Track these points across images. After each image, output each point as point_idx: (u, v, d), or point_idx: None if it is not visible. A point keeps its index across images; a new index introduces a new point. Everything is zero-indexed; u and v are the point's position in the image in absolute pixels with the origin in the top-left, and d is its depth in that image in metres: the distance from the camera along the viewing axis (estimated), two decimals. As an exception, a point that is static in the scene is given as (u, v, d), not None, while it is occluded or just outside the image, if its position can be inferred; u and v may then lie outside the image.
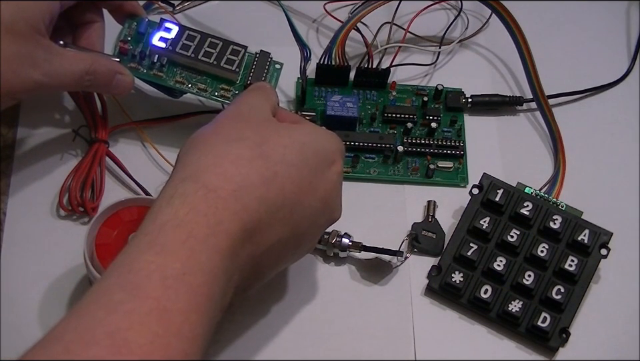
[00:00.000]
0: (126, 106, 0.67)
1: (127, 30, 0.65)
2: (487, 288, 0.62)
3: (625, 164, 0.70)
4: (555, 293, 0.62)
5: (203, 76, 0.64)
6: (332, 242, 0.63)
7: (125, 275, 0.45)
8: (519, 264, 0.63)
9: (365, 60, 0.70)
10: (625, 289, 0.64)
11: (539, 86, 0.69)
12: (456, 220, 0.65)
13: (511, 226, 0.64)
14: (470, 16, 0.76)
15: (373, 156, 0.68)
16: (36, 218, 0.63)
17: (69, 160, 0.66)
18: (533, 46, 0.69)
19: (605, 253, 0.63)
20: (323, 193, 0.54)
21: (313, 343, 0.61)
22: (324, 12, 0.73)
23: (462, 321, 0.63)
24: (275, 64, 0.65)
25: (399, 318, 0.62)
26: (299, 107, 0.69)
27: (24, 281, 0.61)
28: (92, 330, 0.42)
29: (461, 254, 0.63)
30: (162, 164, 0.66)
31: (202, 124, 0.54)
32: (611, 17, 0.78)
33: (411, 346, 0.61)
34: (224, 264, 0.47)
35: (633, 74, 0.74)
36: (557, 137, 0.69)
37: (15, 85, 0.56)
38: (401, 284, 0.63)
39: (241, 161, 0.50)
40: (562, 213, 0.64)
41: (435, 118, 0.69)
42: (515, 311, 0.61)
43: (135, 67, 0.64)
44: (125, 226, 0.58)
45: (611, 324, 0.63)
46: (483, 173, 0.65)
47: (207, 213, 0.47)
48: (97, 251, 0.57)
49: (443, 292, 0.63)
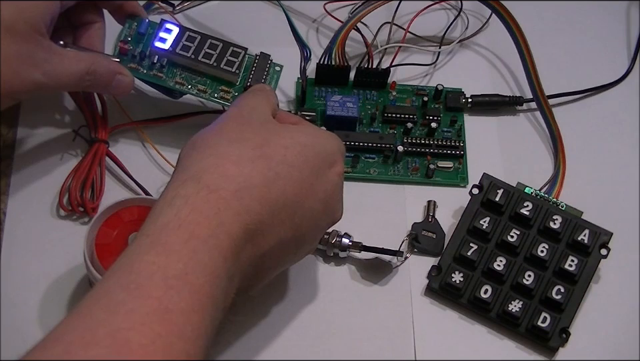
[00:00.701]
0: (126, 106, 0.67)
1: (127, 30, 0.65)
2: (487, 288, 0.62)
3: (624, 164, 0.70)
4: (555, 293, 0.62)
5: (203, 78, 0.64)
6: (332, 242, 0.63)
7: (127, 275, 0.45)
8: (518, 264, 0.63)
9: (365, 60, 0.70)
10: (624, 289, 0.65)
11: (539, 86, 0.69)
12: (456, 220, 0.65)
13: (511, 226, 0.64)
14: (470, 16, 0.76)
15: (373, 156, 0.68)
16: (36, 218, 0.63)
17: (68, 160, 0.66)
18: (533, 46, 0.69)
19: (605, 253, 0.63)
20: (324, 194, 0.54)
21: (313, 343, 0.61)
22: (324, 12, 0.73)
23: (462, 321, 0.63)
24: (275, 66, 0.65)
25: (399, 318, 0.62)
26: (299, 107, 0.69)
27: (24, 281, 0.61)
28: (93, 330, 0.42)
29: (461, 254, 0.63)
30: (162, 164, 0.66)
31: (202, 124, 0.54)
32: (610, 17, 0.78)
33: (411, 346, 0.61)
34: (226, 265, 0.47)
35: (633, 74, 0.75)
36: (557, 137, 0.69)
37: (15, 85, 0.56)
38: (401, 284, 0.63)
39: (243, 162, 0.50)
40: (562, 213, 0.64)
41: (435, 118, 0.69)
42: (515, 311, 0.61)
43: (135, 68, 0.64)
44: (125, 226, 0.58)
45: (611, 324, 0.63)
46: (483, 173, 0.65)
47: (208, 214, 0.47)
48: (96, 251, 0.57)
49: (443, 292, 0.63)
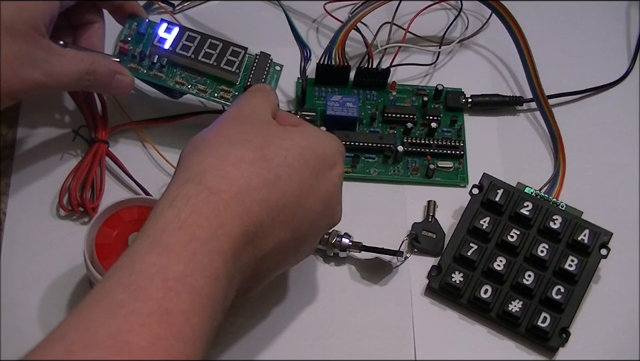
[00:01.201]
0: (126, 106, 0.67)
1: (127, 30, 0.65)
2: (487, 288, 0.62)
3: (624, 164, 0.70)
4: (555, 293, 0.62)
5: (203, 77, 0.64)
6: (332, 242, 0.63)
7: (127, 276, 0.45)
8: (518, 264, 0.63)
9: (365, 60, 0.70)
10: (624, 289, 0.65)
11: (539, 87, 0.69)
12: (456, 220, 0.65)
13: (511, 226, 0.64)
14: (470, 16, 0.76)
15: (373, 156, 0.68)
16: (36, 218, 0.63)
17: (68, 160, 0.65)
18: (533, 46, 0.69)
19: (605, 253, 0.63)
20: (324, 196, 0.54)
21: (313, 343, 0.61)
22: (324, 12, 0.73)
23: (462, 321, 0.63)
24: (275, 65, 0.65)
25: (399, 318, 0.62)
26: (299, 107, 0.69)
27: (24, 281, 0.61)
28: (93, 331, 0.42)
29: (460, 254, 0.63)
30: (162, 164, 0.66)
31: (202, 124, 0.54)
32: (610, 17, 0.78)
33: (411, 346, 0.61)
34: (226, 267, 0.47)
35: (633, 74, 0.74)
36: (557, 137, 0.69)
37: (14, 85, 0.56)
38: (401, 284, 0.63)
39: (243, 164, 0.50)
40: (562, 213, 0.64)
41: (435, 118, 0.69)
42: (515, 311, 0.61)
43: (135, 68, 0.64)
44: (125, 226, 0.58)
45: (611, 324, 0.63)
46: (483, 173, 0.65)
47: (209, 216, 0.47)
48: (96, 251, 0.57)
49: (443, 292, 0.63)
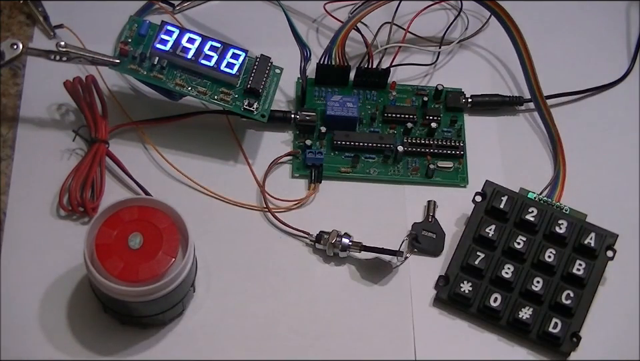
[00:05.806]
0: (126, 106, 0.67)
1: (128, 31, 0.65)
2: (496, 297, 0.61)
3: (625, 164, 0.70)
4: (565, 298, 0.61)
5: (203, 80, 0.64)
6: (332, 242, 0.63)
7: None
8: (526, 271, 0.62)
9: (365, 60, 0.70)
10: (630, 289, 0.64)
11: (538, 89, 0.69)
12: (456, 220, 0.65)
13: (517, 232, 0.63)
14: (470, 17, 0.76)
15: (373, 156, 0.68)
16: (36, 218, 0.63)
17: (68, 160, 0.66)
18: (533, 47, 0.69)
19: (611, 255, 0.63)
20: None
21: (313, 343, 0.61)
22: (324, 12, 0.73)
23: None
24: (275, 68, 0.65)
25: (399, 318, 0.62)
26: (299, 107, 0.69)
27: (24, 281, 0.61)
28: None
29: (468, 263, 0.62)
30: (162, 164, 0.66)
31: (202, 124, 0.54)
32: (610, 17, 0.78)
33: (411, 346, 0.61)
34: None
35: (633, 74, 0.74)
36: (556, 140, 0.69)
37: None
38: (401, 284, 0.63)
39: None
40: (567, 217, 0.63)
41: (435, 118, 0.69)
42: (525, 318, 0.61)
43: (135, 69, 0.64)
44: (125, 226, 0.58)
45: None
46: (485, 180, 0.65)
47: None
48: (96, 251, 0.57)
49: (452, 302, 0.62)
